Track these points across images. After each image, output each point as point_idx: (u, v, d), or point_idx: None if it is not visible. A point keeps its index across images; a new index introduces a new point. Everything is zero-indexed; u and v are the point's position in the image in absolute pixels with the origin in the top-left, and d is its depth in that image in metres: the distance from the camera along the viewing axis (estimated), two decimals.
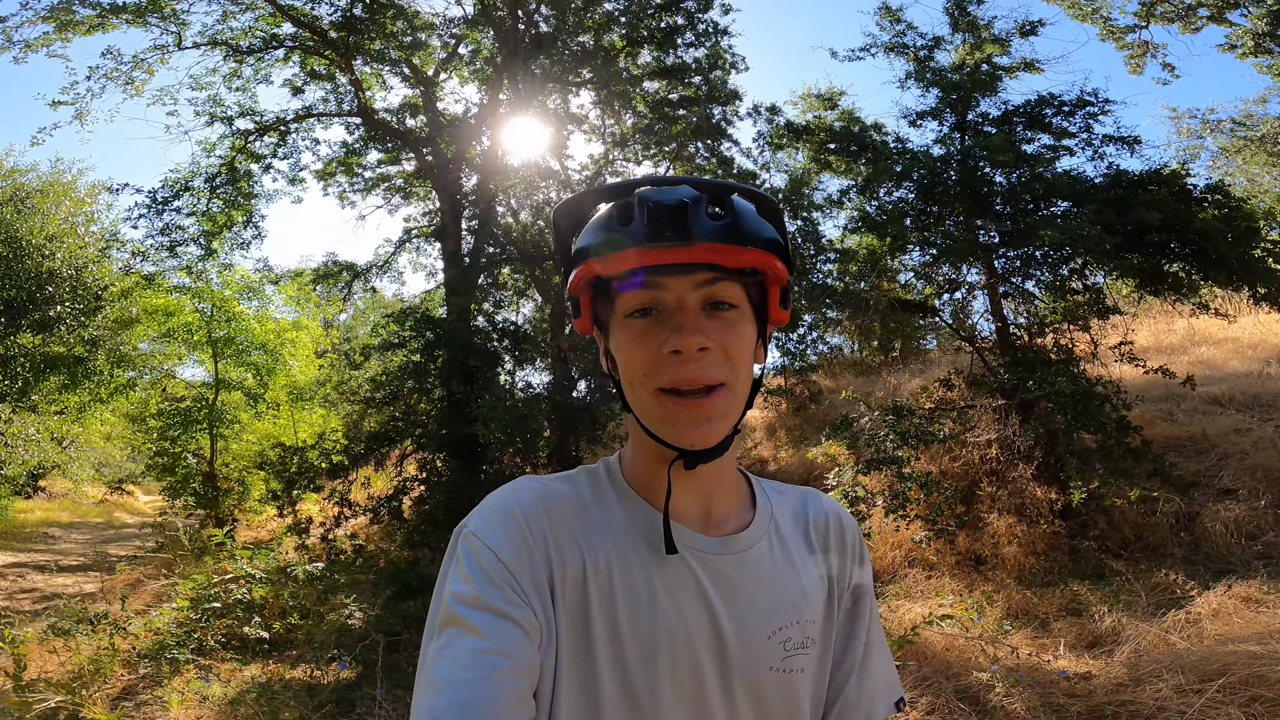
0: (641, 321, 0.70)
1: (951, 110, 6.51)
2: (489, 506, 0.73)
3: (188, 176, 8.76)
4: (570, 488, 0.76)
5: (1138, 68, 12.51)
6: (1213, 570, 4.64)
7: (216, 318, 10.27)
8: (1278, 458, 5.38)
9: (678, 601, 0.71)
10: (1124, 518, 5.47)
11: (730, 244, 0.67)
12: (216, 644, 4.83)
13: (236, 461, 10.75)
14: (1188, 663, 2.98)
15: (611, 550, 0.72)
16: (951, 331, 7.39)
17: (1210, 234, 5.08)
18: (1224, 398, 6.72)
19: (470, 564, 0.67)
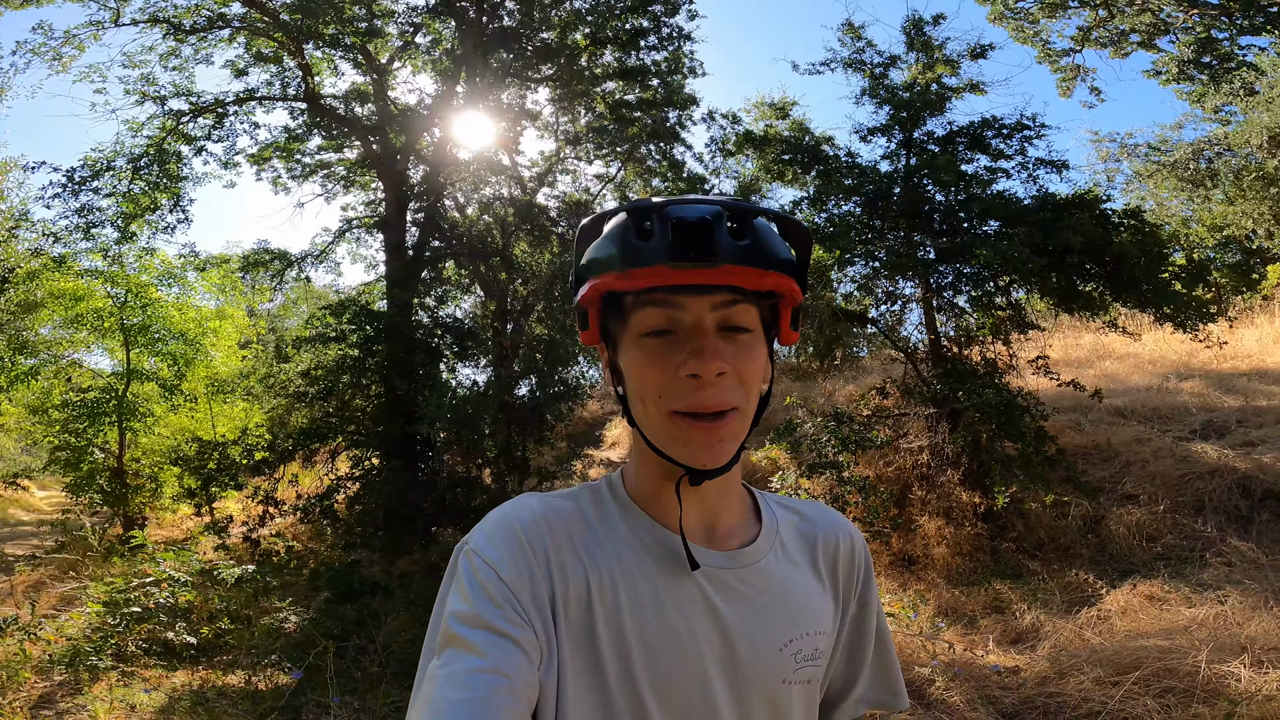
0: (656, 341, 0.68)
1: (900, 128, 6.83)
2: (489, 523, 0.72)
3: (110, 156, 8.18)
4: (573, 504, 0.75)
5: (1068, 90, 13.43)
6: (1118, 570, 5.06)
7: (131, 304, 9.58)
8: (1174, 466, 5.91)
9: (686, 617, 0.70)
10: (1039, 521, 5.90)
11: (754, 266, 0.66)
12: (138, 650, 4.55)
13: (148, 457, 10.08)
14: (1104, 657, 3.26)
15: (616, 566, 0.71)
16: (887, 342, 7.73)
17: (1125, 257, 5.53)
18: (1126, 410, 7.32)
19: (470, 582, 0.67)
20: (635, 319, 0.69)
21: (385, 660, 4.52)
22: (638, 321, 0.69)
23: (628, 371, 0.71)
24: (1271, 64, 9.87)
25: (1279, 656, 2.79)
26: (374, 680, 4.11)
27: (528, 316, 12.39)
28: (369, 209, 11.14)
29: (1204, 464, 5.85)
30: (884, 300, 7.73)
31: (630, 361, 0.70)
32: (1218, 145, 10.60)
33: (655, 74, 8.90)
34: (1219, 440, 6.33)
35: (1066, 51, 13.51)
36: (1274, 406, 6.65)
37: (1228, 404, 6.97)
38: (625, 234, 0.67)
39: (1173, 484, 5.76)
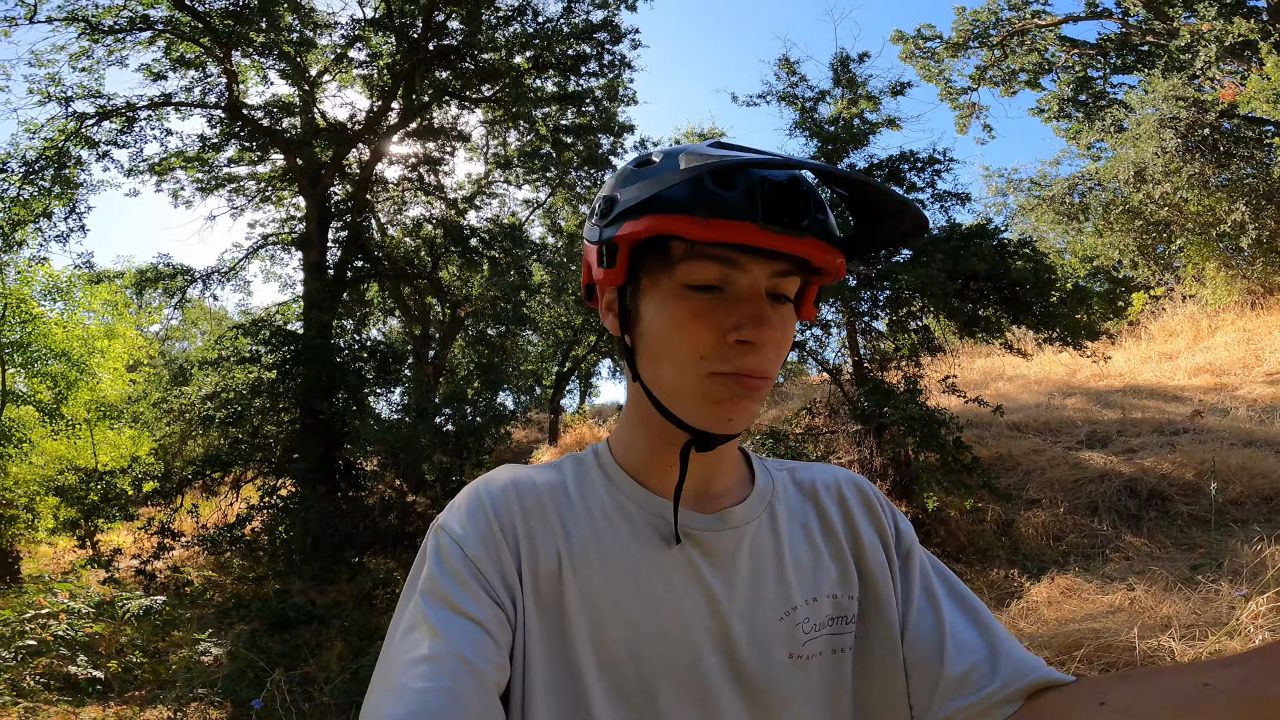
0: (705, 297, 0.63)
1: (826, 160, 7.33)
2: (459, 498, 0.68)
3: (3, 158, 7.45)
4: (553, 474, 0.71)
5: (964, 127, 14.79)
6: (1032, 567, 5.53)
7: (9, 319, 8.64)
8: (1069, 472, 6.55)
9: (671, 587, 0.65)
10: (959, 526, 6.36)
11: (828, 243, 0.62)
12: (37, 685, 4.05)
13: (22, 486, 9.01)
14: (1044, 641, 3.57)
15: (590, 536, 0.66)
16: (815, 365, 8.14)
17: (1021, 283, 6.17)
18: (1021, 424, 8.05)
19: (436, 559, 0.63)
20: (684, 269, 0.63)
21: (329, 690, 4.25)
22: (687, 272, 0.63)
23: (661, 323, 0.64)
24: (1140, 101, 11.24)
25: (1202, 630, 3.18)
26: (324, 711, 3.85)
27: (452, 341, 12.14)
28: (284, 225, 10.65)
29: (1093, 470, 6.52)
30: (808, 325, 8.17)
31: (667, 314, 0.64)
32: (1089, 180, 11.92)
33: (592, 100, 9.14)
34: (1103, 449, 7.07)
35: (964, 90, 14.93)
36: (1148, 418, 7.53)
37: (1108, 416, 7.82)
38: (701, 179, 0.60)
39: (1069, 488, 6.38)
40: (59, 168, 7.62)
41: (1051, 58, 14.48)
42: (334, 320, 9.73)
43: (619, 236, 0.64)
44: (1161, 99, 10.93)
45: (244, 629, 5.48)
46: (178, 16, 7.31)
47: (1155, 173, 10.72)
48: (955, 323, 7.45)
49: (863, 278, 7.46)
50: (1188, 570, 4.39)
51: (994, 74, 14.71)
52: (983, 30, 14.70)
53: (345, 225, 9.65)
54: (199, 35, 7.46)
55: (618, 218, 0.65)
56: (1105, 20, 14.94)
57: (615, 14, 8.44)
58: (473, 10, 7.51)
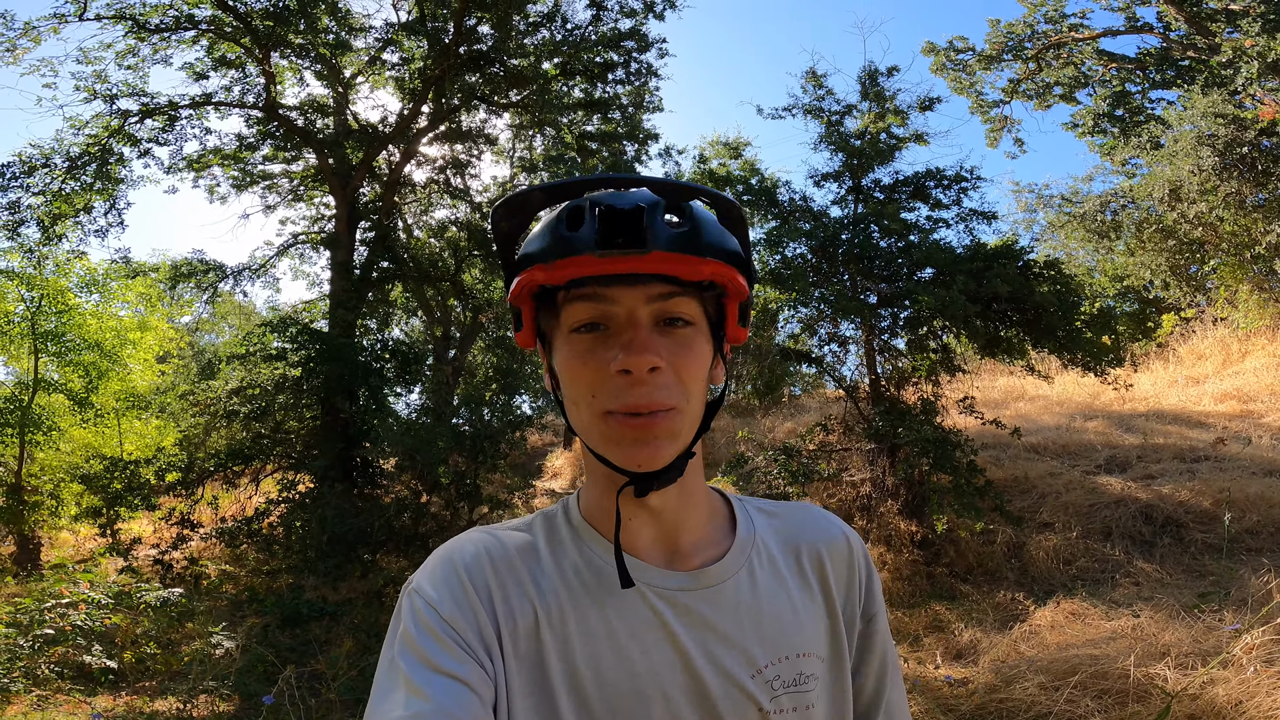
0: (587, 337, 0.64)
1: (851, 175, 7.28)
2: (432, 562, 0.68)
3: (48, 153, 7.74)
4: (523, 535, 0.71)
5: (995, 141, 14.56)
6: (1040, 590, 5.47)
7: (45, 309, 8.94)
8: (1084, 497, 6.46)
9: (643, 644, 0.65)
10: (968, 547, 6.30)
11: (689, 254, 0.61)
12: (51, 673, 4.18)
13: (49, 473, 9.29)
14: (1042, 666, 3.54)
15: (564, 594, 0.66)
16: (832, 380, 8.10)
17: (1046, 305, 6.09)
18: (1040, 447, 7.94)
19: (414, 622, 0.63)
20: (566, 313, 0.64)
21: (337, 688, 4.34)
22: (568, 316, 0.64)
23: (561, 371, 0.66)
24: (1178, 117, 10.95)
25: (1198, 659, 3.13)
26: (330, 708, 3.94)
27: (472, 343, 12.29)
28: (315, 224, 10.88)
29: (1110, 495, 6.42)
30: (826, 341, 8.11)
31: (562, 359, 0.66)
32: (1123, 198, 11.61)
33: (618, 107, 9.21)
34: (1122, 474, 6.96)
35: (996, 103, 14.69)
36: (1170, 444, 7.39)
37: (1128, 441, 7.68)
38: (555, 224, 0.62)
39: (1083, 513, 6.29)
40: (101, 163, 7.88)
41: (1088, 71, 14.20)
42: (358, 320, 9.92)
43: (510, 299, 0.68)
44: (1200, 115, 10.65)
45: (256, 623, 5.60)
46: (220, 16, 7.52)
47: (1191, 191, 10.47)
48: (975, 343, 7.39)
49: (883, 295, 7.41)
50: (1195, 598, 4.31)
51: (1028, 87, 14.46)
52: (1017, 43, 14.49)
53: (373, 226, 9.84)
54: (240, 35, 7.67)
55: (507, 281, 0.68)
56: (1146, 34, 14.66)
57: (643, 23, 8.51)
58: (503, 16, 7.63)
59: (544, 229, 0.64)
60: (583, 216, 0.60)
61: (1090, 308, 6.85)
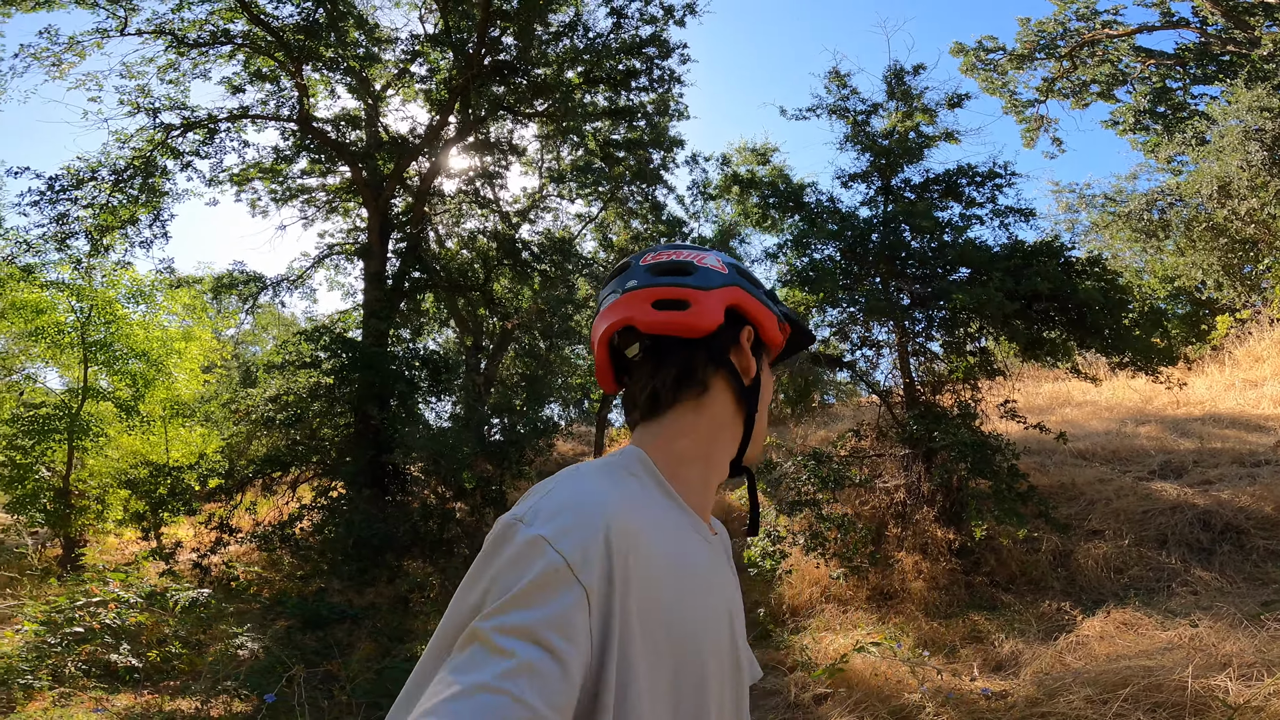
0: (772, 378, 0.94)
1: (879, 175, 7.10)
2: (560, 503, 0.64)
3: (94, 166, 8.07)
4: (631, 486, 0.73)
5: (1031, 141, 14.14)
6: (1087, 600, 5.16)
7: (94, 319, 9.28)
8: (1137, 503, 6.10)
9: (727, 595, 0.80)
10: (1010, 555, 6.00)
11: None
12: (77, 671, 4.25)
13: (96, 478, 9.59)
14: (1089, 678, 3.30)
15: (673, 546, 0.71)
16: (865, 386, 7.86)
17: (1090, 304, 5.80)
18: (1088, 452, 7.56)
19: (532, 578, 0.58)
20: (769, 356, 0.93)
21: (353, 690, 4.30)
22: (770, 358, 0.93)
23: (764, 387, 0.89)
24: (1223, 112, 10.48)
25: (1263, 670, 2.87)
26: (342, 710, 3.91)
27: (504, 352, 12.35)
28: (349, 236, 11.10)
29: (1164, 501, 6.05)
30: (859, 345, 7.87)
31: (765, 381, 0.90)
32: (1170, 196, 11.12)
33: (643, 115, 9.19)
34: (1177, 480, 6.57)
35: (1031, 103, 14.30)
36: (1228, 449, 6.96)
37: (1184, 446, 7.27)
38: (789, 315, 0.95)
39: (1136, 520, 5.94)
40: (146, 176, 8.17)
41: (1126, 68, 13.72)
42: (390, 329, 10.05)
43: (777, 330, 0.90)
44: (1245, 110, 10.19)
45: (284, 625, 5.63)
46: (254, 31, 7.76)
47: (1240, 187, 9.97)
48: (1016, 345, 7.08)
49: (916, 296, 7.18)
50: (1258, 607, 3.99)
51: (1063, 85, 14.03)
52: (1049, 41, 14.08)
53: (404, 237, 9.99)
54: (273, 49, 7.90)
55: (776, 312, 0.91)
56: (1182, 29, 14.13)
57: (664, 29, 8.50)
58: (525, 26, 7.70)
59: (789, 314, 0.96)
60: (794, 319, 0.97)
61: (1141, 308, 6.50)
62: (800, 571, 6.34)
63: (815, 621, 5.75)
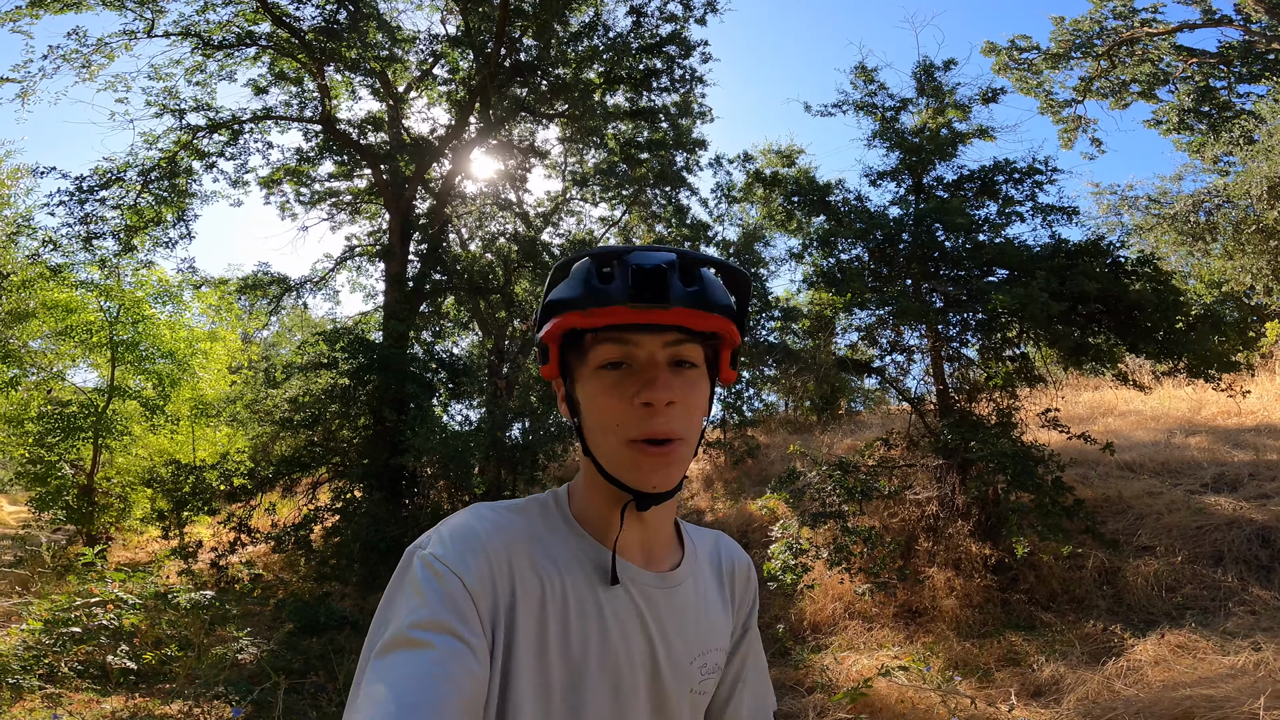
0: (613, 374, 0.74)
1: (910, 172, 6.80)
2: (450, 530, 0.74)
3: (121, 167, 8.18)
4: (524, 519, 0.79)
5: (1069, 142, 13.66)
6: (1136, 621, 4.77)
7: (122, 319, 9.39)
8: (1190, 518, 5.68)
9: (624, 629, 0.76)
10: (1051, 572, 5.61)
11: (699, 309, 0.72)
12: (71, 672, 4.15)
13: (120, 476, 9.68)
14: (1144, 707, 2.98)
15: (567, 581, 0.75)
16: (895, 392, 7.51)
17: (1143, 306, 5.42)
18: (1135, 464, 7.12)
19: (430, 586, 0.67)
20: (594, 353, 0.75)
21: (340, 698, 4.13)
22: (596, 355, 0.75)
23: (586, 402, 0.77)
24: (1271, 111, 9.96)
25: None
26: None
27: (526, 355, 12.23)
28: (371, 238, 11.12)
29: (1220, 516, 5.63)
30: (888, 350, 7.53)
31: (589, 392, 0.76)
32: (1217, 197, 10.56)
33: (665, 116, 9.01)
34: (1232, 493, 6.13)
35: (1068, 103, 13.82)
36: None
37: (1238, 458, 6.80)
38: (588, 277, 0.74)
39: (1189, 536, 5.53)
40: (172, 177, 8.25)
41: (1167, 67, 13.15)
42: (410, 331, 9.99)
43: (543, 337, 0.78)
44: None
45: (289, 628, 5.51)
46: (278, 32, 7.79)
47: None
48: (1060, 350, 6.67)
49: (950, 299, 6.84)
50: None
51: (1101, 85, 13.51)
52: (1086, 40, 13.58)
53: (425, 238, 9.94)
54: (296, 51, 7.92)
55: (541, 322, 0.79)
56: (1225, 27, 13.52)
57: (684, 28, 8.32)
58: (544, 25, 7.60)
59: (577, 279, 0.75)
60: (613, 272, 0.73)
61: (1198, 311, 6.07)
62: (823, 586, 6.03)
63: (838, 639, 5.43)
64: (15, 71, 7.64)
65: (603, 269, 0.73)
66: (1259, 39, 12.39)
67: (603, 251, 0.76)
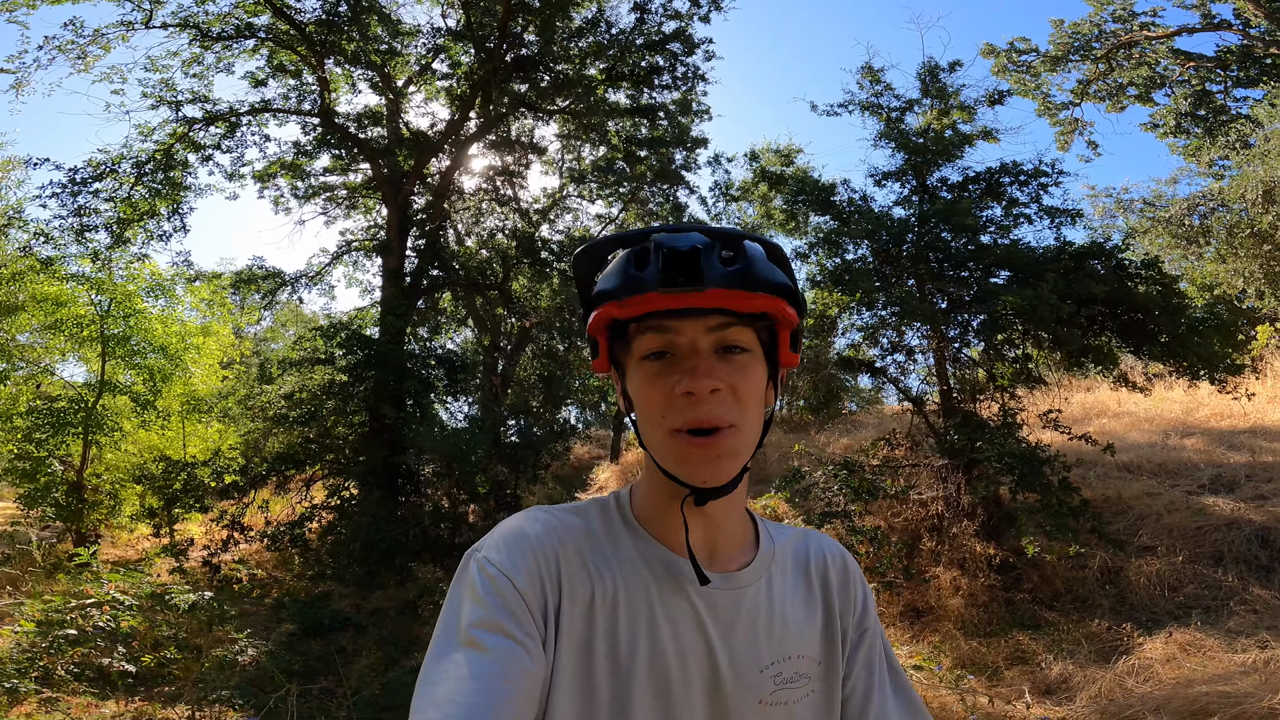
0: (656, 364, 0.72)
1: (914, 173, 6.81)
2: (502, 533, 0.74)
3: (116, 159, 8.02)
4: (580, 520, 0.78)
5: (1066, 144, 13.79)
6: (1140, 620, 4.82)
7: (113, 313, 9.21)
8: (1189, 519, 5.74)
9: (678, 634, 0.73)
10: (1055, 572, 5.65)
11: (741, 289, 0.68)
12: (68, 674, 4.04)
13: (110, 473, 9.50)
14: (1160, 703, 2.99)
15: (619, 581, 0.73)
16: (895, 392, 7.52)
17: (1148, 308, 5.46)
18: (1133, 465, 7.19)
19: (485, 589, 0.68)
20: (637, 344, 0.73)
21: (354, 704, 4.06)
22: (639, 346, 0.73)
23: (634, 394, 0.74)
24: (1268, 115, 10.09)
25: None
26: None
27: (520, 353, 12.16)
28: (368, 233, 11.00)
29: (1219, 517, 5.71)
30: (889, 350, 7.53)
31: (635, 384, 0.74)
32: (1211, 201, 10.69)
33: (665, 114, 8.98)
34: (1230, 494, 6.21)
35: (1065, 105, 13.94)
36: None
37: (1234, 459, 6.89)
38: (625, 265, 0.71)
39: (1189, 536, 5.59)
40: (167, 170, 8.10)
41: (1164, 71, 13.29)
42: (408, 327, 9.89)
43: (589, 330, 0.76)
44: None
45: (288, 629, 5.41)
46: (277, 25, 7.68)
47: None
48: (1062, 351, 6.70)
49: (954, 300, 6.85)
50: None
51: (1098, 88, 13.64)
52: (1084, 43, 13.70)
53: (423, 234, 9.84)
54: (296, 43, 7.80)
55: (585, 315, 0.76)
56: (1224, 32, 13.69)
57: (688, 25, 8.29)
58: (547, 21, 7.54)
59: (616, 269, 0.73)
60: (648, 257, 0.69)
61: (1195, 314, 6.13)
62: None
63: None
64: (10, 62, 7.53)
65: (640, 255, 0.71)
66: (1257, 44, 12.54)
67: (633, 234, 0.74)
